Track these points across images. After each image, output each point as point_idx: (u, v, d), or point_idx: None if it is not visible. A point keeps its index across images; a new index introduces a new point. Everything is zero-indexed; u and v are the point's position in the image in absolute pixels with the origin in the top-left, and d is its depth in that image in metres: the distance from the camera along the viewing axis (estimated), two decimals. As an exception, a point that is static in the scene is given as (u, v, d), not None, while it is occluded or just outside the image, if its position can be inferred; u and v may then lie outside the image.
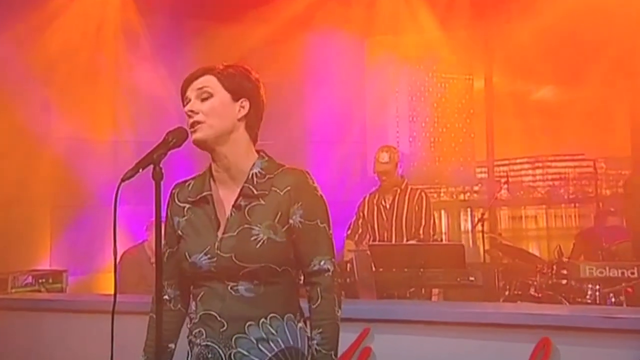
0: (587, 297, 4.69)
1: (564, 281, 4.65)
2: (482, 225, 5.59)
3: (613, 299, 4.53)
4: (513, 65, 6.50)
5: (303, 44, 6.37)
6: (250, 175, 1.88)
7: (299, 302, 1.90)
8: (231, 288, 1.82)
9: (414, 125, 7.00)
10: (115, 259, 1.78)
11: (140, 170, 1.68)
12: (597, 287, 4.74)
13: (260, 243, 1.81)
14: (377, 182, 4.73)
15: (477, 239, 6.29)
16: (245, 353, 1.79)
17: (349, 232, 4.78)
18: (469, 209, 6.85)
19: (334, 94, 6.45)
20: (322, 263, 1.85)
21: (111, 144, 6.17)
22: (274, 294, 1.83)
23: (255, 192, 1.85)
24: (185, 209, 1.93)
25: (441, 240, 5.39)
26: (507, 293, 4.58)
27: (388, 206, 4.65)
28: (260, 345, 1.80)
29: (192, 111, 1.84)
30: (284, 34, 6.12)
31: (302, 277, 1.90)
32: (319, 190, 1.89)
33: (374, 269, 4.00)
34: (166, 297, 1.96)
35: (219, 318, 1.80)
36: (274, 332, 1.81)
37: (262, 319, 1.80)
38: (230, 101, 1.88)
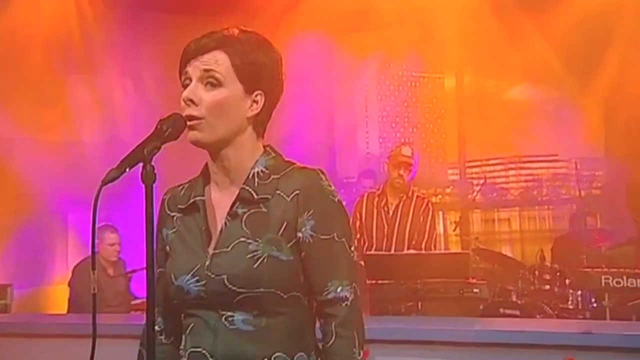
0: (569, 303, 4.53)
1: (547, 287, 4.46)
2: (457, 229, 5.39)
3: (595, 304, 4.38)
4: (484, 64, 6.34)
5: (270, 41, 6.06)
6: (251, 175, 1.47)
7: (314, 337, 1.49)
8: (225, 319, 1.42)
9: (383, 125, 6.78)
10: (93, 270, 1.46)
11: (127, 169, 1.31)
12: (579, 292, 4.59)
13: (258, 262, 1.41)
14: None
15: (449, 243, 6.10)
16: None
17: None
18: (441, 212, 6.63)
19: (301, 93, 6.19)
20: (338, 290, 1.44)
21: (60, 144, 5.77)
22: (279, 328, 1.43)
23: (255, 196, 1.45)
24: (175, 218, 1.54)
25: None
26: (488, 300, 4.34)
27: (391, 212, 4.26)
28: None
29: (191, 100, 1.43)
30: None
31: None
32: (336, 195, 1.48)
33: (367, 281, 3.67)
34: (157, 327, 1.56)
35: (210, 358, 1.42)
36: None
37: None
38: (242, 95, 1.46)
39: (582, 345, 2.30)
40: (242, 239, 1.42)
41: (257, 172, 1.47)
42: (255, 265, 1.39)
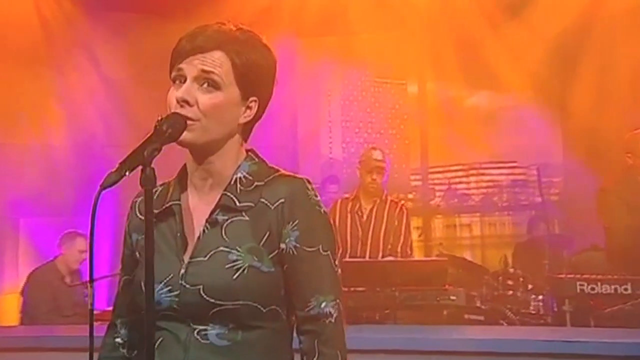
0: (531, 308, 4.59)
1: (510, 292, 4.51)
2: (422, 235, 5.41)
3: (556, 309, 4.43)
4: (447, 71, 6.38)
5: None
6: (233, 181, 1.40)
7: (292, 354, 1.44)
8: (197, 333, 1.34)
9: (347, 130, 6.76)
10: (91, 283, 1.34)
11: (127, 173, 1.23)
12: (540, 297, 4.65)
13: (238, 273, 1.33)
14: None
15: (413, 249, 6.10)
16: None
17: None
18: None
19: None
20: (322, 305, 1.36)
21: (10, 147, 5.57)
22: (256, 343, 1.35)
23: (237, 203, 1.38)
24: None
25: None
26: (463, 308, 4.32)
27: (365, 217, 4.22)
28: None
29: (185, 101, 1.35)
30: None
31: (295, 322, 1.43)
32: (322, 205, 1.42)
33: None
34: (118, 340, 1.50)
35: None
36: None
37: None
38: (238, 101, 1.39)
39: (565, 353, 2.31)
40: (222, 248, 1.35)
41: (240, 178, 1.40)
42: (235, 276, 1.32)
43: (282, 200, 1.38)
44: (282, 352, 1.41)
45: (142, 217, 1.47)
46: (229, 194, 1.39)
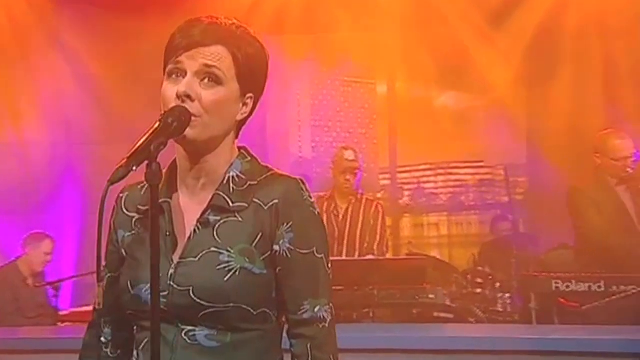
0: (499, 306, 4.65)
1: (479, 290, 4.57)
2: (390, 234, 5.42)
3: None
4: (415, 71, 6.43)
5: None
6: (226, 180, 1.37)
7: (282, 356, 1.42)
8: (185, 334, 1.31)
9: (316, 130, 6.75)
10: (99, 283, 1.34)
11: (134, 168, 1.19)
12: (507, 295, 4.73)
13: (230, 274, 1.30)
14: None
15: (389, 248, 6.13)
16: None
17: None
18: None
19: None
20: (316, 310, 1.35)
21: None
22: (245, 344, 1.33)
23: (230, 204, 1.35)
24: (134, 220, 1.42)
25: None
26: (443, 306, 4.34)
27: (341, 216, 4.22)
28: None
29: (188, 96, 1.30)
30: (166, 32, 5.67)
31: (286, 326, 1.40)
32: (316, 207, 1.40)
33: None
34: (102, 339, 1.47)
35: None
36: None
37: None
38: (237, 97, 1.37)
39: (539, 350, 2.34)
40: (213, 249, 1.32)
41: (233, 177, 1.37)
42: (226, 278, 1.30)
43: (276, 200, 1.35)
44: (272, 353, 1.39)
45: (129, 214, 1.44)
46: (221, 193, 1.36)
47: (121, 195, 1.48)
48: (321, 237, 1.39)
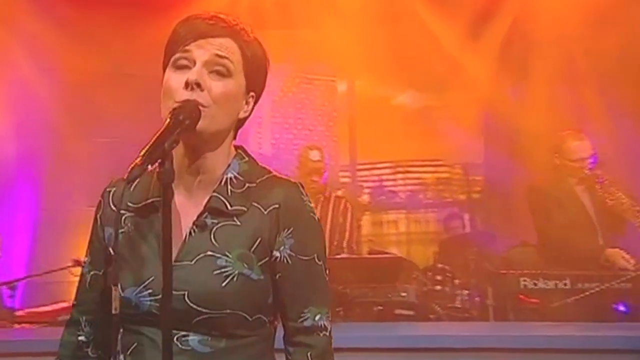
0: (457, 302, 4.72)
1: (438, 287, 4.62)
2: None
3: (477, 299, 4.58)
4: (375, 70, 6.46)
5: (161, 34, 5.82)
6: (224, 181, 1.33)
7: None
8: (178, 339, 1.26)
9: (276, 127, 6.71)
10: (114, 285, 1.27)
11: (149, 167, 1.15)
12: (466, 292, 4.80)
13: (228, 280, 1.26)
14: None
15: (359, 245, 6.16)
16: None
17: None
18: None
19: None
20: (317, 318, 1.33)
21: None
22: (240, 350, 1.29)
23: (228, 207, 1.31)
24: (123, 218, 1.35)
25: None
26: (415, 304, 4.35)
27: None
28: None
29: (198, 84, 1.26)
30: (143, 24, 5.56)
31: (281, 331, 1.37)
32: (316, 212, 1.37)
33: None
34: (82, 338, 1.41)
35: None
36: None
37: None
38: (243, 92, 1.34)
39: (516, 347, 2.37)
40: (210, 253, 1.28)
41: (230, 179, 1.33)
42: (224, 284, 1.26)
43: (276, 205, 1.32)
44: (266, 358, 1.36)
45: (116, 209, 1.37)
46: (219, 195, 1.32)
47: (108, 189, 1.42)
48: (321, 244, 1.37)
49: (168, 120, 1.21)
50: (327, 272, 1.38)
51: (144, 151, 1.15)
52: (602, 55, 4.96)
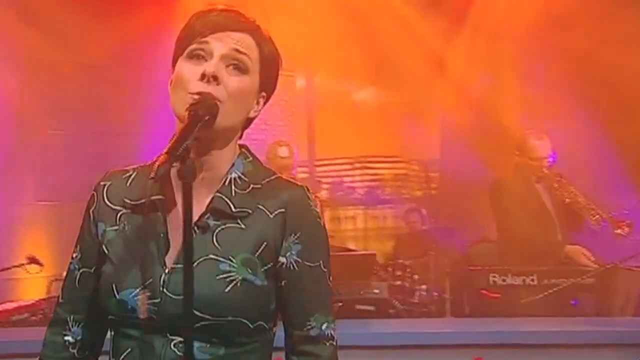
0: (415, 297, 4.78)
1: (398, 282, 4.66)
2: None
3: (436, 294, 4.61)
4: (334, 65, 6.46)
5: (116, 26, 5.67)
6: (228, 181, 1.28)
7: None
8: (175, 345, 1.21)
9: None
10: (143, 289, 1.24)
11: (174, 164, 1.10)
12: (424, 287, 4.86)
13: (231, 285, 1.21)
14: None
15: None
16: None
17: None
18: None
19: (142, 84, 5.85)
20: (323, 327, 1.29)
21: None
22: (238, 358, 1.25)
23: (232, 209, 1.26)
24: (119, 215, 1.30)
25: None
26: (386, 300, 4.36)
27: None
28: None
29: (215, 78, 1.22)
30: (98, 15, 5.41)
31: (286, 341, 1.31)
32: (322, 217, 1.34)
33: None
34: (68, 338, 1.34)
35: None
36: None
37: None
38: (256, 91, 1.30)
39: (490, 344, 2.38)
40: (212, 257, 1.23)
41: (235, 179, 1.28)
42: (227, 289, 1.21)
43: (283, 209, 1.28)
44: None
45: (113, 206, 1.32)
46: (222, 196, 1.27)
47: (102, 183, 1.35)
48: (327, 250, 1.33)
49: (187, 115, 1.17)
50: (331, 279, 1.34)
51: (168, 148, 1.10)
52: (567, 57, 5.07)
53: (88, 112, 5.45)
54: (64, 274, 1.39)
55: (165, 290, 1.22)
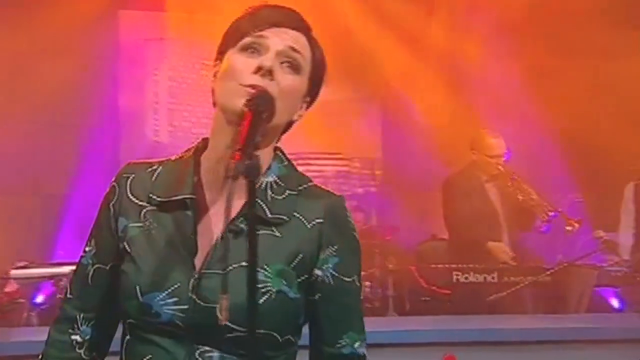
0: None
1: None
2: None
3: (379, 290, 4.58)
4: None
5: (46, 14, 5.38)
6: (264, 185, 1.21)
7: None
8: (200, 355, 1.13)
9: (174, 114, 6.39)
10: (225, 294, 1.11)
11: (248, 162, 1.02)
12: (368, 284, 4.84)
13: (265, 297, 1.14)
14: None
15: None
16: None
17: None
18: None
19: (80, 73, 5.60)
20: (356, 345, 1.24)
21: None
22: None
23: (268, 214, 1.19)
24: (144, 211, 1.20)
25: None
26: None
27: None
28: None
29: (271, 72, 1.16)
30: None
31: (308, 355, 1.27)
32: (356, 230, 1.28)
33: None
34: (76, 338, 1.24)
35: None
36: None
37: None
38: (304, 93, 1.25)
39: (461, 341, 2.35)
40: (244, 264, 1.10)
41: (270, 183, 1.21)
42: (262, 300, 1.13)
43: (321, 220, 1.22)
44: None
45: (137, 201, 1.22)
46: (258, 200, 1.18)
47: (125, 175, 1.26)
48: (360, 266, 1.28)
49: (249, 111, 1.10)
50: (362, 295, 1.31)
51: (239, 146, 1.03)
52: (522, 57, 5.17)
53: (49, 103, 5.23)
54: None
55: (194, 296, 1.15)
